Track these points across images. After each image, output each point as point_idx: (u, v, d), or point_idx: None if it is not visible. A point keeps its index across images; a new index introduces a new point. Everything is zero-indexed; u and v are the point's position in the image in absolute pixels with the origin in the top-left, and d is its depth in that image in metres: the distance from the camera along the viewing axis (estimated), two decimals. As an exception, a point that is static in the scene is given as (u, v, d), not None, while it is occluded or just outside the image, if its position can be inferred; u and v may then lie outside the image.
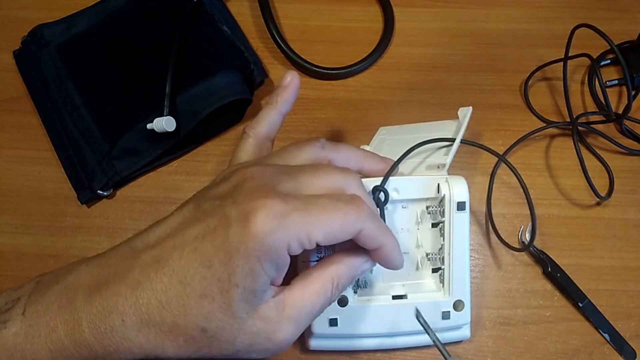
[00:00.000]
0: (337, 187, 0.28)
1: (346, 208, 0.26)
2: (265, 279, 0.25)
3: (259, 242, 0.24)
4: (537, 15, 0.51)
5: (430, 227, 0.37)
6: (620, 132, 0.46)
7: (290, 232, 0.24)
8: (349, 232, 0.26)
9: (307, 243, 0.25)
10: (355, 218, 0.26)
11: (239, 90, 0.45)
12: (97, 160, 0.44)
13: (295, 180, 0.27)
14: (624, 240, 0.43)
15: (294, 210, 0.25)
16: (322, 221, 0.25)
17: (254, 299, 0.25)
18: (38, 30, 0.48)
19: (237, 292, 0.24)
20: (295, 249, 0.25)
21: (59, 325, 0.25)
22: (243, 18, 0.50)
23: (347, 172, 0.29)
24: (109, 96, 0.46)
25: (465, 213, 0.35)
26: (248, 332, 0.26)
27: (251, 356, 0.27)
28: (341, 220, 0.26)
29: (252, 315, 0.25)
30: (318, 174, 0.28)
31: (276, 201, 0.24)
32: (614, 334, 0.40)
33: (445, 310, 0.36)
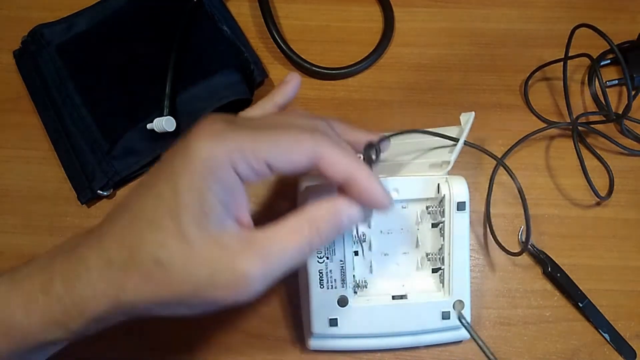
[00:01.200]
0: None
1: (299, 129, 0.25)
2: (213, 200, 0.24)
3: (198, 160, 0.24)
4: (537, 15, 0.51)
5: (430, 227, 0.37)
6: (620, 132, 0.46)
7: (230, 146, 0.24)
8: (303, 154, 0.25)
9: (254, 161, 0.24)
10: (308, 138, 0.25)
11: (239, 90, 0.45)
12: (97, 160, 0.44)
13: (253, 120, 0.26)
14: (624, 240, 0.43)
15: (237, 128, 0.24)
16: (269, 137, 0.24)
17: (206, 223, 0.24)
18: (38, 30, 0.48)
19: (187, 215, 0.24)
20: (244, 169, 0.24)
21: (36, 283, 0.26)
22: (243, 18, 0.50)
23: (315, 117, 0.27)
24: (109, 96, 0.46)
25: (465, 213, 0.35)
26: (204, 259, 0.24)
27: (216, 294, 0.25)
28: (291, 138, 0.25)
29: (207, 240, 0.24)
30: (280, 115, 0.27)
31: (218, 122, 0.24)
32: (614, 334, 0.40)
33: (445, 311, 0.36)
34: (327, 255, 0.35)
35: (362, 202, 0.27)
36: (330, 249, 0.35)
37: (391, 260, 0.38)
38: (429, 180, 0.36)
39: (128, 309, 0.25)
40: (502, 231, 0.43)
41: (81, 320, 0.26)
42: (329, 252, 0.35)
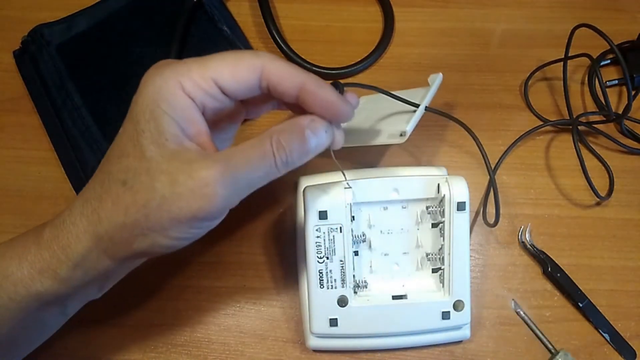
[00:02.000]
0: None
1: (242, 51, 0.27)
2: (168, 120, 0.26)
3: (151, 90, 0.26)
4: (537, 15, 0.51)
5: (430, 227, 0.37)
6: (620, 132, 0.46)
7: (178, 70, 0.26)
8: (249, 69, 0.26)
9: (201, 81, 0.26)
10: (252, 55, 0.26)
11: (239, 90, 0.45)
12: (97, 160, 0.44)
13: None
14: (624, 240, 0.43)
15: (185, 60, 0.26)
16: (214, 58, 0.26)
17: (163, 141, 0.26)
18: (38, 30, 0.48)
19: (145, 137, 0.26)
20: (193, 89, 0.26)
21: (30, 237, 0.29)
22: (243, 18, 0.50)
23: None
24: (109, 96, 0.46)
25: (465, 213, 0.35)
26: (164, 171, 0.25)
27: (181, 205, 0.25)
28: (236, 55, 0.26)
29: (166, 156, 0.26)
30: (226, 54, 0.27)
31: (166, 61, 0.27)
32: (614, 334, 0.40)
33: (445, 311, 0.36)
34: (327, 255, 0.35)
35: (322, 114, 0.28)
36: (330, 249, 0.35)
37: (391, 260, 0.38)
38: (429, 180, 0.36)
39: (107, 243, 0.27)
40: (502, 231, 0.43)
41: (68, 263, 0.28)
42: (329, 252, 0.35)
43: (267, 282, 0.42)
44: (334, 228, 0.35)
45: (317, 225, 0.35)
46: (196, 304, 0.42)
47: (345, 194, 0.35)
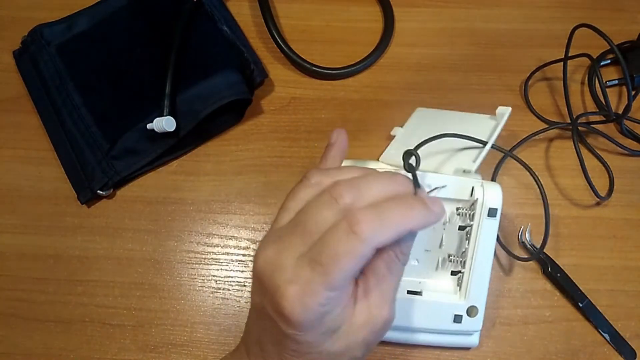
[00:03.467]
0: (335, 219, 0.27)
1: (345, 247, 0.26)
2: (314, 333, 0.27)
3: (300, 323, 0.26)
4: (537, 15, 0.51)
5: (457, 229, 0.36)
6: (620, 132, 0.46)
7: (312, 302, 0.26)
8: (366, 257, 0.26)
9: (331, 293, 0.26)
10: (360, 247, 0.26)
11: (239, 90, 0.45)
12: (97, 160, 0.44)
13: (295, 248, 0.27)
14: (624, 240, 0.43)
15: (307, 284, 0.26)
16: (331, 274, 0.26)
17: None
18: (38, 30, 0.48)
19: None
20: (326, 302, 0.26)
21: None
22: (243, 18, 0.50)
23: (337, 202, 0.28)
24: (109, 96, 0.46)
25: (495, 220, 0.34)
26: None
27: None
28: (353, 260, 0.26)
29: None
30: (310, 229, 0.27)
31: (288, 286, 0.26)
32: (614, 334, 0.40)
33: (457, 314, 0.35)
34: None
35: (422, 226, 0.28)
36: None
37: (412, 255, 0.37)
38: (464, 182, 0.35)
39: None
40: (502, 231, 0.43)
41: None
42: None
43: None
44: None
45: None
46: (196, 303, 0.42)
47: None
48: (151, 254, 0.43)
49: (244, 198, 0.45)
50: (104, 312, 0.42)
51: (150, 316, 0.42)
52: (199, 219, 0.44)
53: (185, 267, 0.43)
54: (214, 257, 0.43)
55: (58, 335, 0.41)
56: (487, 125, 0.39)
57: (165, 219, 0.44)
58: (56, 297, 0.42)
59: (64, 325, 0.42)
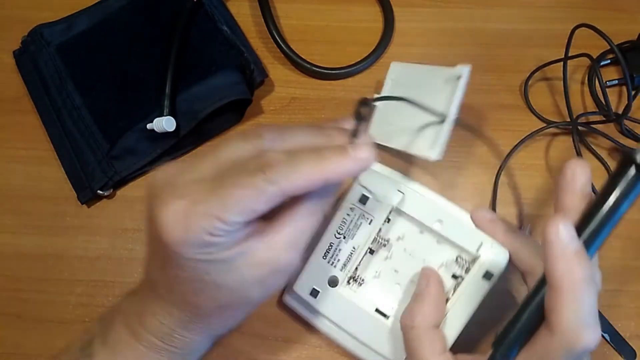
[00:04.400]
0: (249, 155, 0.27)
1: (250, 180, 0.25)
2: (195, 256, 0.26)
3: (177, 248, 0.25)
4: (537, 15, 0.51)
5: (449, 276, 0.36)
6: (620, 132, 0.46)
7: (198, 228, 0.25)
8: (271, 201, 0.25)
9: (225, 226, 0.25)
10: (266, 186, 0.25)
11: (239, 90, 0.45)
12: (97, 160, 0.44)
13: (195, 168, 0.26)
14: (624, 240, 0.43)
15: (196, 203, 0.25)
16: (228, 203, 0.25)
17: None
18: (38, 30, 0.48)
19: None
20: (217, 232, 0.25)
21: (130, 339, 0.30)
22: (243, 18, 0.50)
23: (252, 135, 0.27)
24: (109, 96, 0.46)
25: (487, 284, 0.34)
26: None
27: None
28: (255, 197, 0.25)
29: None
30: (218, 150, 0.27)
31: (172, 202, 0.25)
32: (614, 334, 0.40)
33: None
34: (345, 235, 0.35)
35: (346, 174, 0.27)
36: (351, 232, 0.35)
37: (397, 279, 0.37)
38: (477, 233, 0.34)
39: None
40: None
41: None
42: (349, 233, 0.35)
43: (267, 282, 0.42)
44: (366, 217, 0.35)
45: (353, 205, 0.35)
46: (196, 304, 0.42)
47: (394, 196, 0.34)
48: (151, 254, 0.43)
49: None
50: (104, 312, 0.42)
51: (150, 316, 0.42)
52: (199, 219, 0.44)
53: (185, 267, 0.43)
54: (214, 257, 0.43)
55: (58, 335, 0.41)
56: (450, 87, 0.37)
57: (165, 219, 0.44)
58: (56, 297, 0.42)
59: (64, 325, 0.42)
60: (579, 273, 0.26)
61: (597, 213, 0.27)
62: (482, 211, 0.35)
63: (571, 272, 0.25)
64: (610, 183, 0.27)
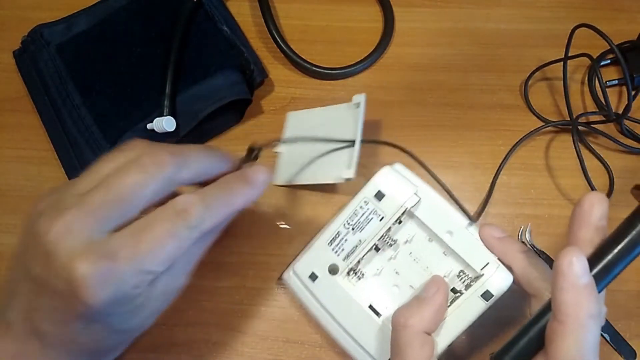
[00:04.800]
0: (157, 193, 0.25)
1: (172, 229, 0.24)
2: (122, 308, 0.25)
3: (102, 307, 0.23)
4: (537, 15, 0.51)
5: (449, 289, 0.35)
6: (620, 132, 0.46)
7: (126, 285, 0.24)
8: (189, 244, 0.25)
9: (149, 277, 0.24)
10: (186, 232, 0.25)
11: (239, 90, 0.45)
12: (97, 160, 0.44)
13: (107, 218, 0.24)
14: (624, 240, 0.43)
15: (123, 261, 0.23)
16: (153, 256, 0.24)
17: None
18: (38, 30, 0.48)
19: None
20: (141, 284, 0.24)
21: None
22: (243, 18, 0.50)
23: (155, 169, 0.25)
24: (109, 96, 0.46)
25: (485, 304, 0.33)
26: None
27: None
28: (178, 245, 0.25)
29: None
30: (125, 196, 0.24)
31: (98, 263, 0.23)
32: (614, 334, 0.40)
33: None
34: (354, 227, 0.35)
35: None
36: (360, 225, 0.35)
37: (396, 281, 0.37)
38: (485, 250, 0.34)
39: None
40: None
41: None
42: (357, 226, 0.35)
43: (267, 282, 0.42)
44: (378, 214, 0.35)
45: (367, 199, 0.35)
46: (196, 304, 0.42)
47: (410, 199, 0.34)
48: (151, 254, 0.43)
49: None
50: None
51: (150, 316, 0.42)
52: (199, 219, 0.44)
53: (185, 267, 0.43)
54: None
55: (58, 335, 0.41)
56: (354, 115, 0.40)
57: (165, 219, 0.44)
58: (56, 297, 0.42)
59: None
60: (586, 308, 0.25)
61: (611, 251, 0.27)
62: (491, 228, 0.34)
63: (578, 306, 0.25)
64: (629, 222, 0.27)
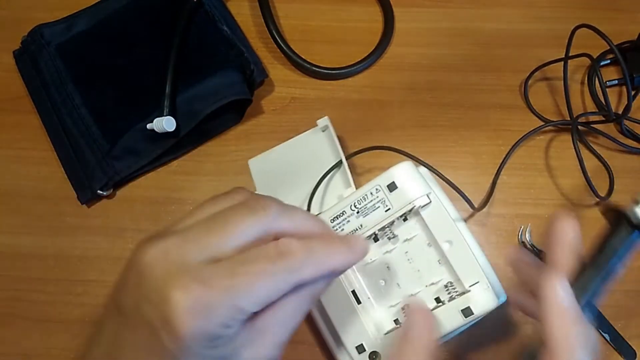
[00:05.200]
0: (258, 236, 0.25)
1: (271, 268, 0.24)
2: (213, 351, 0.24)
3: (191, 341, 0.22)
4: (537, 15, 0.51)
5: (432, 297, 0.35)
6: (620, 132, 0.46)
7: (218, 318, 0.23)
8: (285, 290, 0.24)
9: (240, 316, 0.23)
10: (285, 275, 0.24)
11: (239, 90, 0.45)
12: (97, 160, 0.44)
13: (206, 247, 0.24)
14: (624, 240, 0.43)
15: (218, 290, 0.23)
16: (249, 292, 0.23)
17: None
18: (38, 30, 0.48)
19: None
20: (231, 324, 0.23)
21: None
22: (243, 18, 0.50)
23: (261, 211, 0.25)
24: (109, 96, 0.46)
25: (463, 320, 0.33)
26: None
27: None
28: (274, 285, 0.24)
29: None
30: (228, 229, 0.24)
31: (192, 288, 0.22)
32: (614, 334, 0.40)
33: (359, 345, 0.35)
34: (359, 211, 0.35)
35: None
36: (364, 210, 0.35)
37: (385, 277, 0.37)
38: (479, 269, 0.33)
39: None
40: (502, 231, 0.43)
41: None
42: (363, 211, 0.35)
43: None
44: (386, 204, 0.35)
45: (378, 187, 0.35)
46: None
47: (420, 199, 0.34)
48: (151, 254, 0.43)
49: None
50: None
51: (150, 316, 0.42)
52: (199, 219, 0.44)
53: (185, 267, 0.43)
54: (214, 257, 0.43)
55: (58, 335, 0.41)
56: (324, 139, 0.42)
57: (165, 219, 0.44)
58: (56, 297, 0.42)
59: (64, 325, 0.42)
60: (574, 334, 0.25)
61: (591, 273, 0.27)
62: (519, 252, 0.32)
63: (567, 333, 0.25)
64: (604, 242, 0.27)
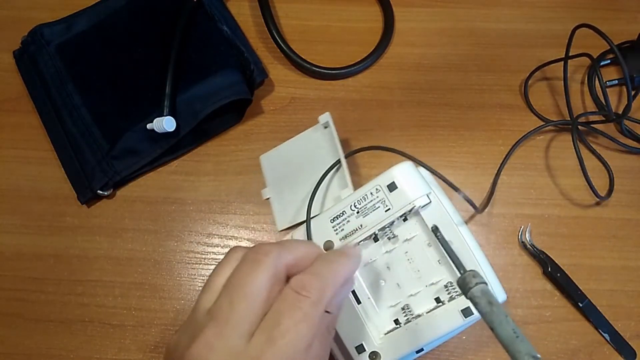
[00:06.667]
0: (272, 281, 0.26)
1: (300, 314, 0.24)
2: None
3: None
4: (537, 15, 0.51)
5: (432, 298, 0.35)
6: (620, 132, 0.46)
7: None
8: (318, 323, 0.25)
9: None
10: (313, 309, 0.25)
11: (239, 90, 0.45)
12: (97, 160, 0.44)
13: (239, 324, 0.24)
14: (624, 240, 0.43)
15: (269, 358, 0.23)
16: (293, 347, 0.24)
17: None
18: (38, 30, 0.48)
19: None
20: None
21: None
22: (243, 18, 0.50)
23: (264, 258, 0.26)
24: (109, 96, 0.46)
25: (462, 320, 0.33)
26: None
27: None
28: (311, 324, 0.25)
29: None
30: (247, 290, 0.25)
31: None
32: (614, 334, 0.40)
33: (359, 345, 0.35)
34: (360, 210, 0.36)
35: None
36: (365, 210, 0.35)
37: (385, 276, 0.37)
38: (479, 269, 0.33)
39: None
40: (502, 231, 0.43)
41: None
42: (363, 210, 0.35)
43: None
44: (386, 204, 0.35)
45: (378, 188, 0.35)
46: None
47: (420, 199, 0.34)
48: (151, 254, 0.43)
49: (244, 198, 0.45)
50: (104, 312, 0.42)
51: (150, 316, 0.42)
52: (199, 219, 0.44)
53: (185, 267, 0.43)
54: (213, 257, 0.43)
55: (58, 335, 0.41)
56: (328, 135, 0.42)
57: (165, 219, 0.44)
58: (56, 297, 0.42)
59: (64, 325, 0.42)
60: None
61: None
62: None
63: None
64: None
